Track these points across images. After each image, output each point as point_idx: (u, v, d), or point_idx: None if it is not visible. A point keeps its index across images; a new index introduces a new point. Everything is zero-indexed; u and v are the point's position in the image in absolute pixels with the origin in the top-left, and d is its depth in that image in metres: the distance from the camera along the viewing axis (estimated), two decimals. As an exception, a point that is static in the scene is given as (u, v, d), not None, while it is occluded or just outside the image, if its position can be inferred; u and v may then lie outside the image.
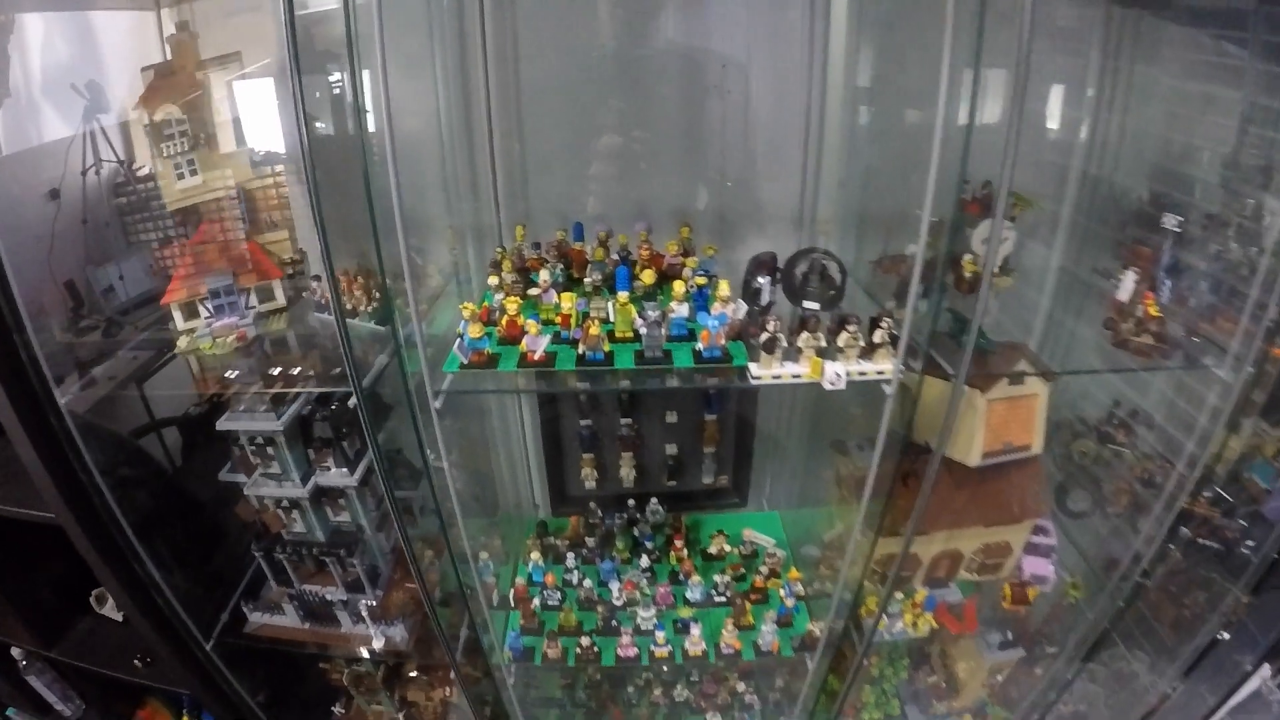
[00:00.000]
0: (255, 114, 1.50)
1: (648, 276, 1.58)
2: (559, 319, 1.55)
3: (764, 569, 2.09)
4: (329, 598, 1.89)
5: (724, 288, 1.48)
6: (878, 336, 1.39)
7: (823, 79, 1.79)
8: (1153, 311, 1.55)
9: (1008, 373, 1.62)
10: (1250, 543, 1.85)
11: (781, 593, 2.00)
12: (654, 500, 2.17)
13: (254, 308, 1.59)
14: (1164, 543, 1.77)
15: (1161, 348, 1.55)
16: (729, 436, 2.17)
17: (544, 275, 1.59)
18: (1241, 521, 1.87)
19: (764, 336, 1.40)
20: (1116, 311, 1.62)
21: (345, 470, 1.72)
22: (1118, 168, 1.86)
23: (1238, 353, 1.52)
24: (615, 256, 1.75)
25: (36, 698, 2.27)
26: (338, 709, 2.21)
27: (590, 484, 2.15)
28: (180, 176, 1.56)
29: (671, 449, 2.16)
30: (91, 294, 1.63)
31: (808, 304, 1.45)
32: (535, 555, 2.07)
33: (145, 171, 1.61)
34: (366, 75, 1.16)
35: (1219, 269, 1.61)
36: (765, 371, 1.41)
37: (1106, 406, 2.03)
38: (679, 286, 1.49)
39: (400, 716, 2.19)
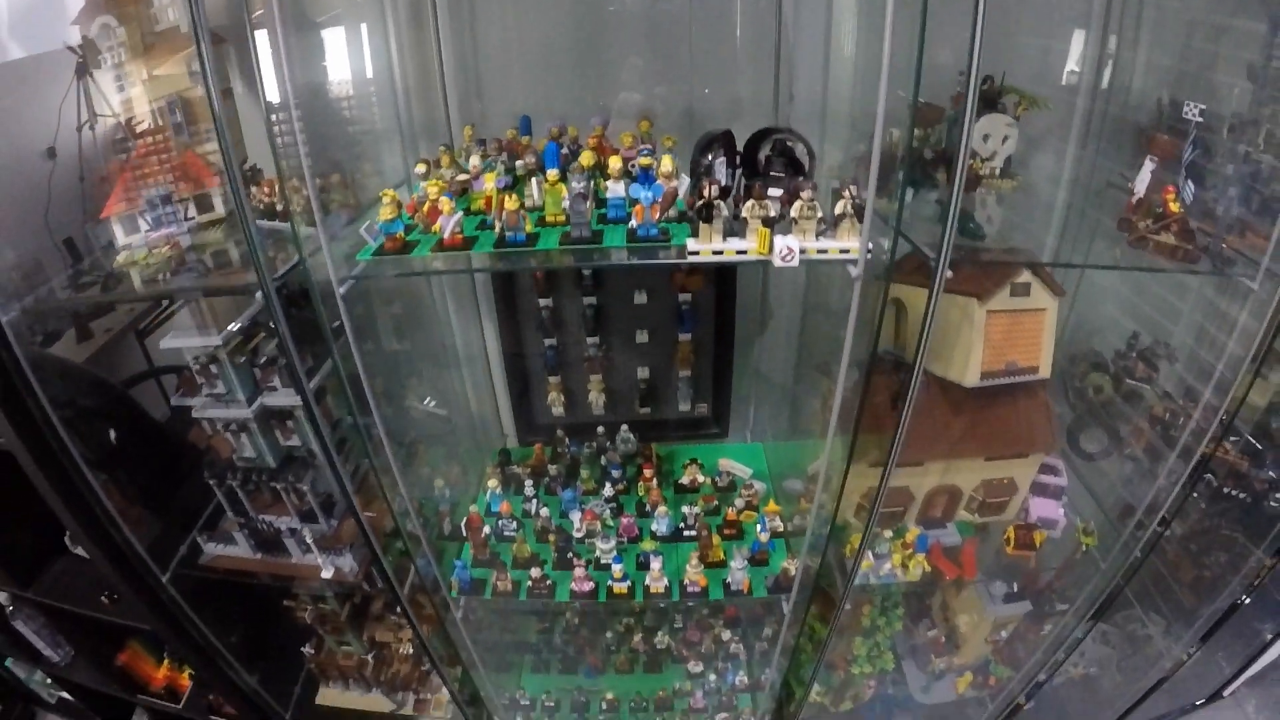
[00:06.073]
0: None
1: (586, 158, 1.42)
2: (483, 202, 1.46)
3: (740, 502, 1.94)
4: (281, 527, 1.82)
5: (667, 163, 1.33)
6: (840, 207, 1.23)
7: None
8: (1174, 207, 1.36)
9: (1014, 262, 1.44)
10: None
11: (757, 528, 1.84)
12: (625, 428, 2.04)
13: (193, 219, 1.52)
14: (1186, 490, 1.60)
15: (1185, 248, 1.36)
16: (706, 359, 2.02)
17: (474, 159, 1.52)
18: (1271, 473, 1.74)
19: (699, 203, 1.24)
20: (1133, 209, 1.44)
21: (291, 390, 1.62)
22: (1135, 73, 1.69)
23: (1269, 268, 1.33)
24: (561, 148, 1.60)
25: (27, 645, 2.32)
26: (308, 649, 2.16)
27: (558, 410, 2.04)
28: (120, 89, 1.51)
29: (643, 372, 2.02)
30: (91, 251, 1.60)
31: (773, 191, 1.30)
32: (494, 484, 1.96)
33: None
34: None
35: (1247, 173, 1.42)
36: (704, 246, 1.26)
37: (1125, 338, 1.86)
38: (615, 163, 1.34)
39: (370, 658, 2.13)
